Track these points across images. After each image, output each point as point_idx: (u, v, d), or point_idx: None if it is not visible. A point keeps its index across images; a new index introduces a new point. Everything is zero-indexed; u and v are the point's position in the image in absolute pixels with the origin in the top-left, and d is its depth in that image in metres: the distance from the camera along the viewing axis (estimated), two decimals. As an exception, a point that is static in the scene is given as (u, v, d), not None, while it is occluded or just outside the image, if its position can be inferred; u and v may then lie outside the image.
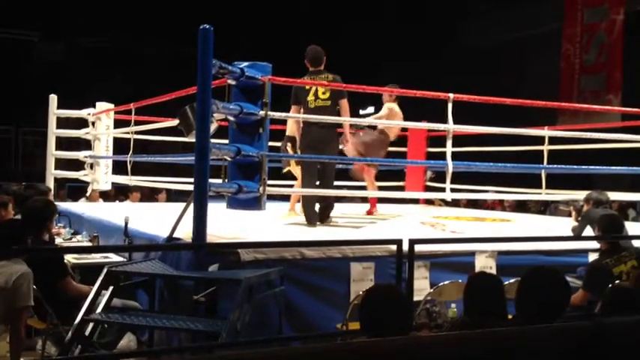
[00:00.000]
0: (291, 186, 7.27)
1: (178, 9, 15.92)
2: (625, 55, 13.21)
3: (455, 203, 9.33)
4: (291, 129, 6.48)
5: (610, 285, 4.08)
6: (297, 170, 6.61)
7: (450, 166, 5.90)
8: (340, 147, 6.51)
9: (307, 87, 6.08)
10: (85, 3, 16.72)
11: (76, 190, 10.26)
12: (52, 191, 7.73)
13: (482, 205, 11.00)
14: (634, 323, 2.39)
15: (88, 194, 9.22)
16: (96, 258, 5.27)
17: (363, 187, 7.80)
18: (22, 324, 4.09)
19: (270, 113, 5.23)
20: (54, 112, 9.00)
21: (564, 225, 6.27)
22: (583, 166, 7.26)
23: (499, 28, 15.92)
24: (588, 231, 5.62)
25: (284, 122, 7.13)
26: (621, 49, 13.30)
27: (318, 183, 6.20)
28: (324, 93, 6.05)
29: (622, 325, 2.29)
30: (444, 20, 16.44)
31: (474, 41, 16.41)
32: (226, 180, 5.18)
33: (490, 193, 8.60)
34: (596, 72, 13.72)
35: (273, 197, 6.37)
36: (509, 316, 3.19)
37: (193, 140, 4.52)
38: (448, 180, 5.95)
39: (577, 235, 5.68)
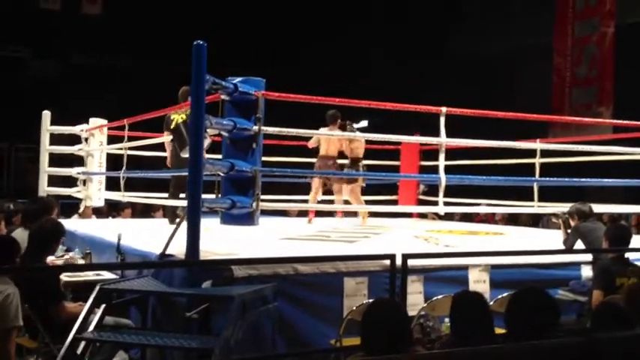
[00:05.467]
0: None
1: (172, 25, 15.97)
2: (616, 67, 13.30)
3: (447, 217, 9.34)
4: None
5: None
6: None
7: (443, 179, 5.91)
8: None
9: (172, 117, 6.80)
10: (76, 19, 16.76)
11: (69, 206, 10.21)
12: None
13: (474, 219, 11.02)
14: (625, 339, 2.39)
15: (80, 211, 9.18)
16: (88, 275, 5.24)
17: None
18: (10, 344, 4.05)
19: (264, 128, 5.24)
20: (47, 128, 8.98)
21: (557, 238, 6.28)
22: (575, 179, 7.29)
23: (491, 40, 16.02)
24: (579, 245, 5.63)
25: (278, 137, 7.15)
26: (612, 62, 13.39)
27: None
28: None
29: (614, 341, 2.29)
30: (435, 32, 16.54)
31: (465, 54, 16.50)
32: (219, 195, 5.17)
33: (483, 206, 8.62)
34: (587, 85, 13.80)
35: (266, 212, 6.38)
36: (500, 331, 3.20)
37: (187, 156, 4.52)
38: (441, 193, 5.96)
39: (569, 249, 5.68)
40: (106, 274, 5.24)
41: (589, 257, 5.39)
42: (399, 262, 3.96)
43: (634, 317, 3.22)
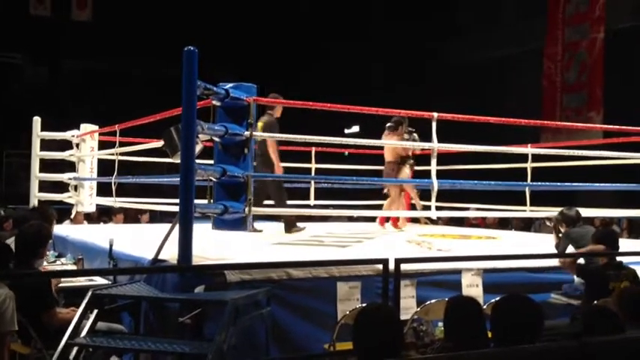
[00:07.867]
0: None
1: (163, 30, 15.96)
2: (606, 72, 13.37)
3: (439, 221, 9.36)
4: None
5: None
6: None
7: (435, 184, 5.92)
8: None
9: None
10: (67, 25, 16.73)
11: (61, 212, 10.17)
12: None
13: (465, 223, 11.04)
14: (617, 342, 2.40)
15: (72, 216, 9.15)
16: (80, 280, 5.22)
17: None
18: (5, 348, 4.03)
19: (255, 134, 5.24)
20: (38, 134, 8.96)
21: (549, 242, 6.30)
22: (566, 183, 7.32)
23: (482, 46, 16.08)
24: (571, 250, 5.65)
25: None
26: (602, 67, 13.46)
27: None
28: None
29: (606, 345, 2.30)
30: (427, 39, 16.60)
31: (457, 60, 16.57)
32: (212, 201, 5.17)
33: (475, 211, 8.64)
34: (577, 90, 13.87)
35: (259, 217, 6.38)
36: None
37: (178, 161, 4.52)
38: (433, 198, 5.97)
39: (561, 254, 5.70)
40: (99, 280, 5.22)
41: (581, 261, 5.40)
42: (391, 266, 3.96)
43: (625, 320, 3.24)
